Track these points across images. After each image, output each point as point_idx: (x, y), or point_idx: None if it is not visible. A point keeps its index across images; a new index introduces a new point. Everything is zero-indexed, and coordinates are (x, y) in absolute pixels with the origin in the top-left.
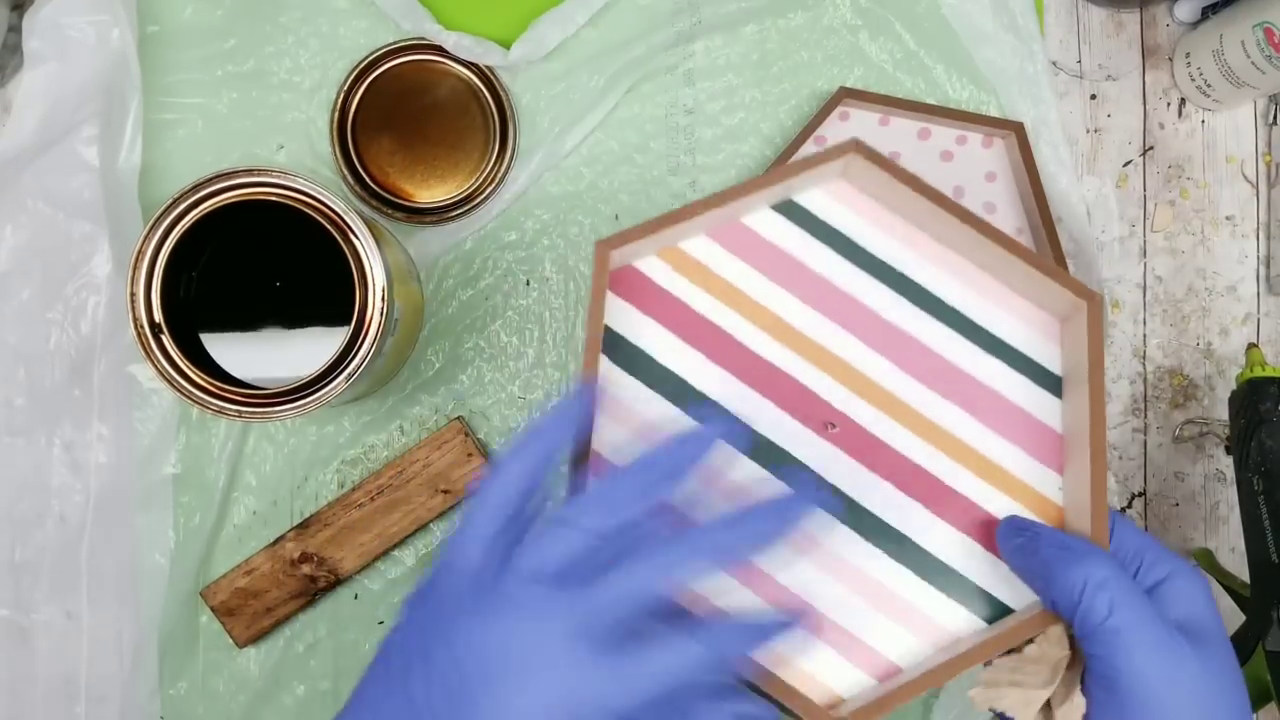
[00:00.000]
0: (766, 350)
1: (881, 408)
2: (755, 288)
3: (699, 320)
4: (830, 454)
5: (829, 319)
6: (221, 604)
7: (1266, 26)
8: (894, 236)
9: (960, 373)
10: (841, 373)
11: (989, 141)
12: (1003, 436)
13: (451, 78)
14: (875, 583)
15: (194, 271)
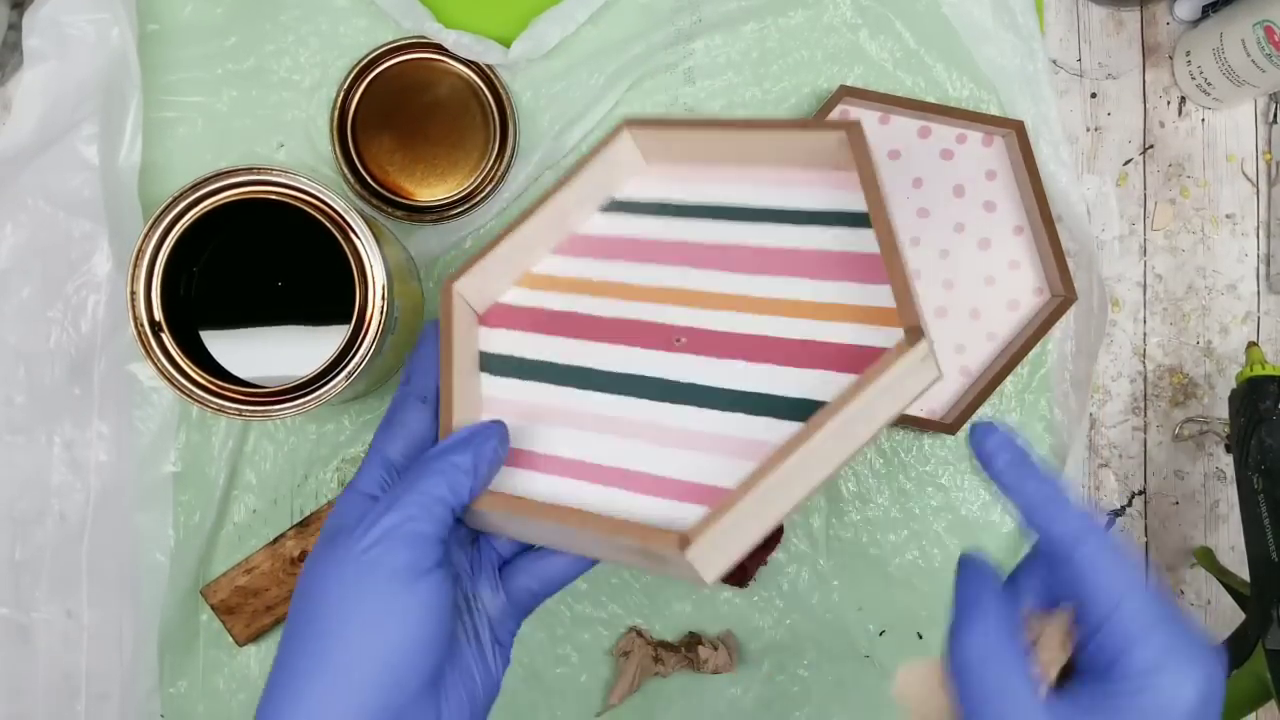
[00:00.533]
0: (612, 310)
1: (713, 307)
2: (601, 272)
3: (555, 315)
4: (679, 360)
5: (667, 264)
6: (222, 602)
7: (1267, 25)
8: (699, 181)
9: (782, 250)
10: (683, 297)
11: (989, 140)
12: (830, 279)
13: (451, 76)
14: (703, 434)
15: (194, 270)
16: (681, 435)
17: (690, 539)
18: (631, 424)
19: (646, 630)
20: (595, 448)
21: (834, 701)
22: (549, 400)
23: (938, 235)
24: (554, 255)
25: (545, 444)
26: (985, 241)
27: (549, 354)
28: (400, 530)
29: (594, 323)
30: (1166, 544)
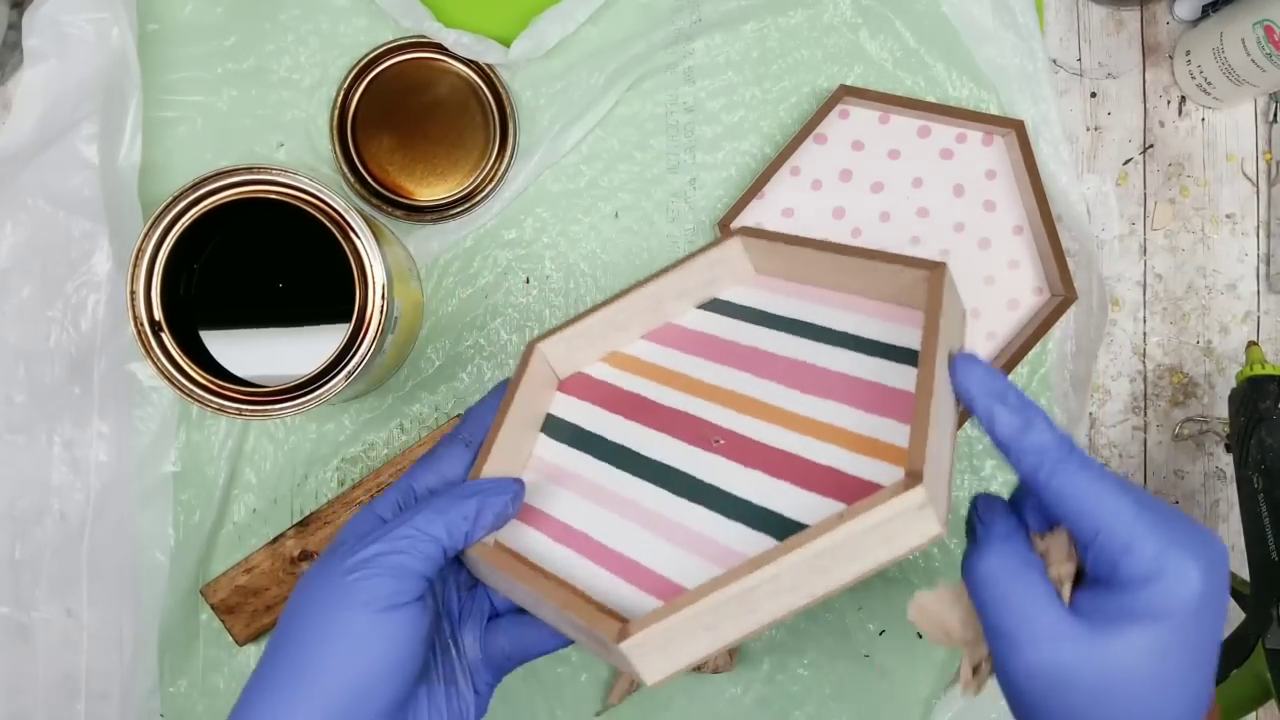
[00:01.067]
0: (672, 400)
1: (759, 417)
2: (675, 362)
3: (624, 394)
4: (713, 461)
5: (730, 367)
6: (221, 602)
7: (1267, 24)
8: (788, 295)
9: (828, 372)
10: (731, 400)
11: (989, 139)
12: (859, 409)
13: (451, 75)
14: (698, 535)
15: (194, 269)
16: (681, 532)
17: (629, 632)
18: (645, 512)
19: None
20: (601, 524)
21: (834, 701)
22: (584, 471)
23: (937, 235)
24: (644, 340)
25: (559, 508)
26: (985, 241)
27: (603, 428)
28: (385, 559)
29: (651, 407)
30: None
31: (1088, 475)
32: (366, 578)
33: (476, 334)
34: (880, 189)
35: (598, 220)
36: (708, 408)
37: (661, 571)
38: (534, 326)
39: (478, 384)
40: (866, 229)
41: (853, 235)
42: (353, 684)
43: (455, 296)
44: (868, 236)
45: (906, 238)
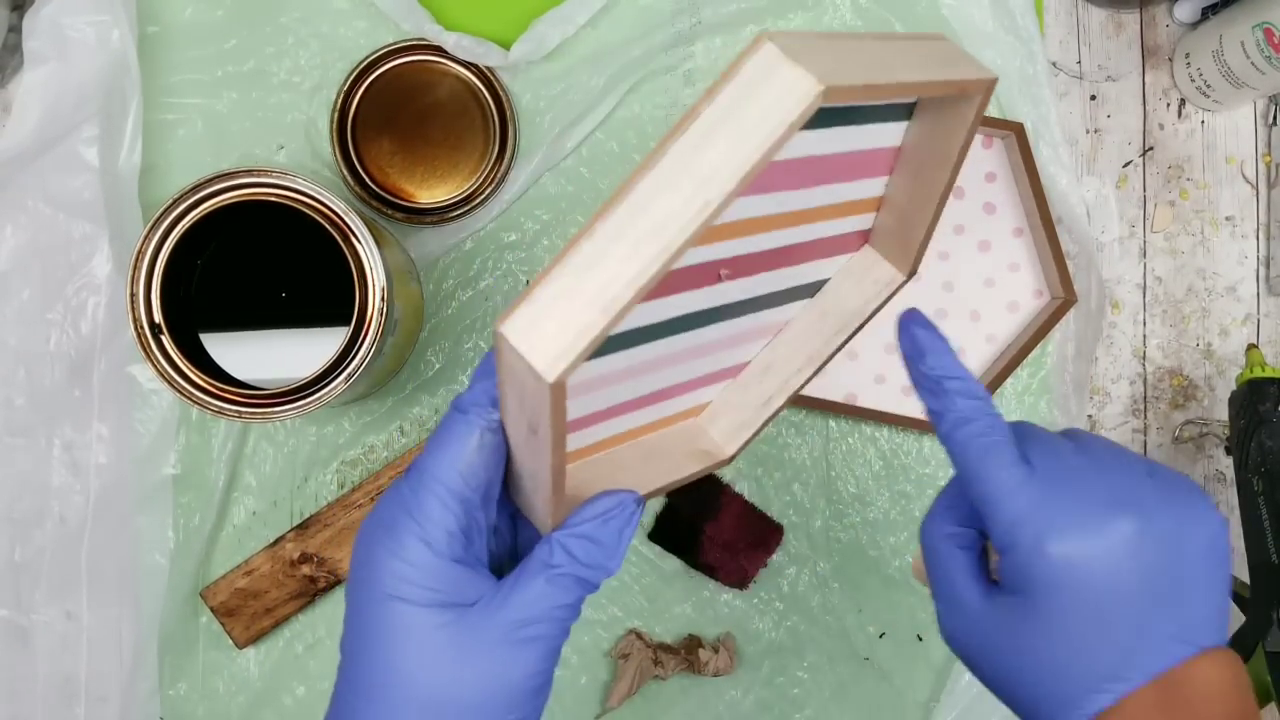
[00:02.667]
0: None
1: (756, 231)
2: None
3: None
4: (727, 288)
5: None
6: (221, 604)
7: (1266, 27)
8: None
9: (815, 158)
10: (724, 232)
11: (989, 142)
12: (826, 184)
13: (451, 78)
14: (733, 335)
15: (194, 272)
16: (730, 335)
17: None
18: (690, 348)
19: (646, 633)
20: (667, 378)
21: (834, 704)
22: (613, 367)
23: (937, 237)
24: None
25: (607, 400)
26: (985, 244)
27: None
28: (541, 637)
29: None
30: None
31: (977, 445)
32: (524, 646)
33: (476, 336)
34: None
35: None
36: (698, 251)
37: (712, 369)
38: None
39: None
40: None
41: None
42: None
43: (455, 299)
44: None
45: None
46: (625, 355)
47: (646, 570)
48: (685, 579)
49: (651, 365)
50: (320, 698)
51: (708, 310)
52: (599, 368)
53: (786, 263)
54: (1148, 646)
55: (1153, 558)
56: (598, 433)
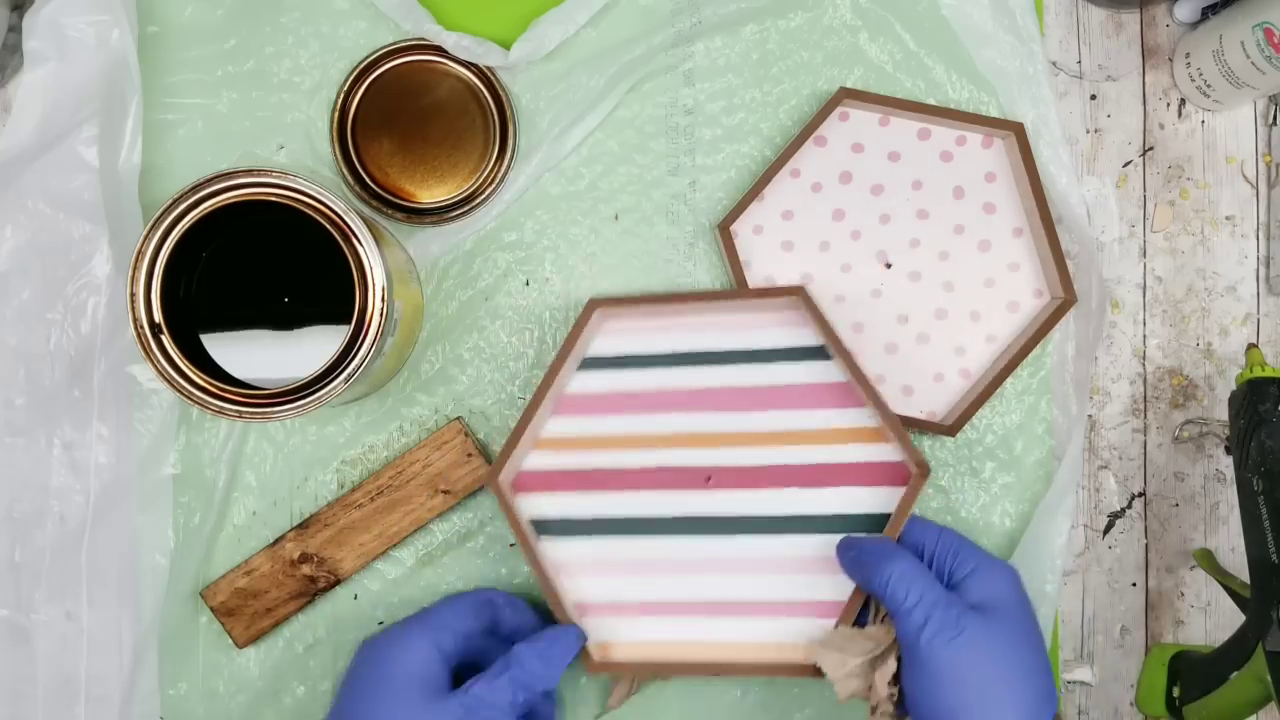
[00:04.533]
0: (636, 460)
1: (725, 445)
2: (601, 427)
3: (582, 474)
4: (713, 497)
5: (669, 411)
6: (221, 604)
7: (1266, 27)
8: (658, 331)
9: (760, 388)
10: (704, 440)
11: (989, 142)
12: (812, 408)
13: (451, 78)
14: (790, 558)
15: (194, 272)
16: (770, 563)
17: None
18: (695, 561)
19: None
20: (675, 588)
21: (834, 704)
22: (610, 553)
23: (937, 237)
24: (555, 417)
25: (630, 592)
26: (985, 243)
27: (591, 510)
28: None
29: (618, 475)
30: (1167, 546)
31: (877, 572)
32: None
33: (476, 336)
34: (880, 191)
35: (597, 223)
36: (678, 454)
37: (771, 598)
38: (533, 329)
39: (477, 386)
40: (866, 231)
41: (852, 237)
42: None
43: (455, 299)
44: (867, 239)
45: (906, 240)
46: (614, 543)
47: None
48: None
49: (663, 565)
50: (320, 697)
51: (705, 518)
52: (581, 548)
53: (800, 481)
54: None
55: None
56: (647, 627)
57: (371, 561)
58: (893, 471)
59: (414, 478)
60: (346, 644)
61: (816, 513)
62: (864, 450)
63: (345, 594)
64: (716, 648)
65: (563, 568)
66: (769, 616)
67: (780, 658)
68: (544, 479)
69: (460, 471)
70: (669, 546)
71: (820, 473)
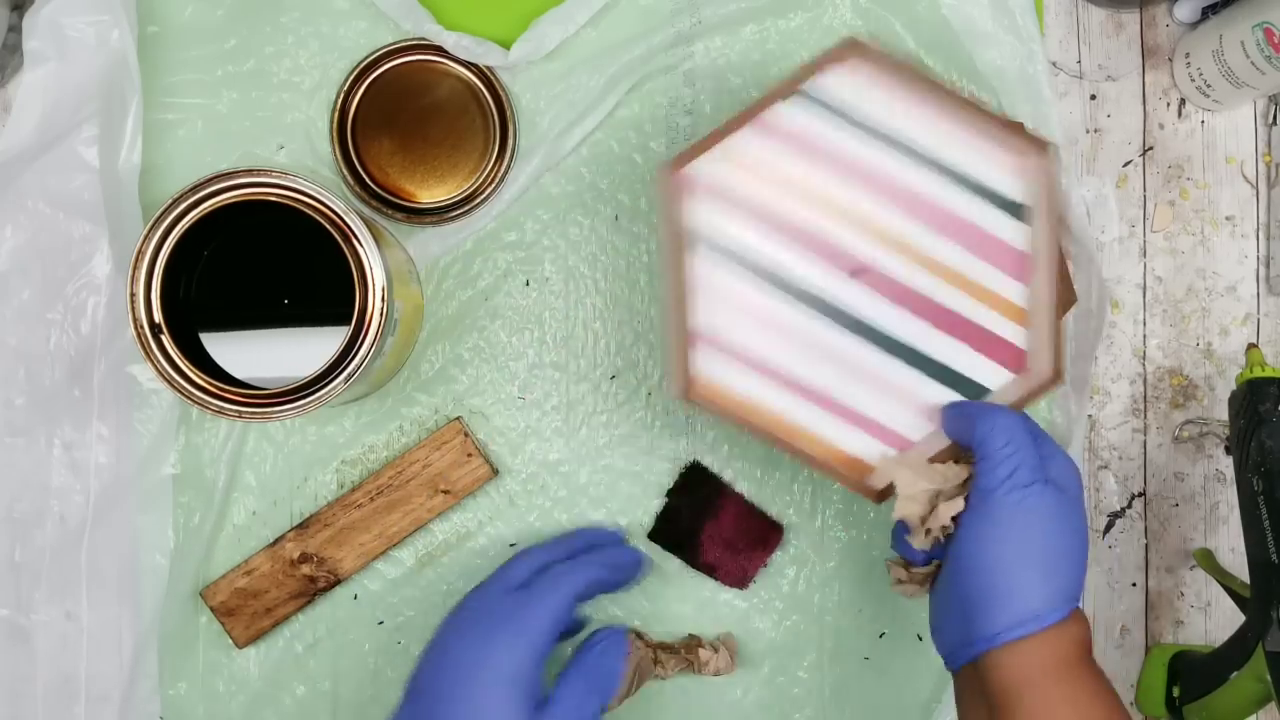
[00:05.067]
0: (803, 217)
1: (894, 250)
2: (790, 167)
3: (752, 203)
4: (856, 292)
5: (850, 184)
6: (221, 604)
7: (1266, 27)
8: (890, 108)
9: (949, 213)
10: (862, 226)
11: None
12: (982, 259)
13: (451, 78)
14: (892, 382)
15: (194, 272)
16: (868, 374)
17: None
18: (819, 344)
19: (646, 632)
20: (791, 359)
21: (834, 704)
22: (742, 291)
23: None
24: (749, 130)
25: (740, 335)
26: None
27: (739, 241)
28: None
29: (784, 225)
30: (1166, 546)
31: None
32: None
33: (476, 336)
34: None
35: (598, 223)
36: (841, 232)
37: (877, 418)
38: (534, 329)
39: (477, 386)
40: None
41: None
42: None
43: (455, 299)
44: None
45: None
46: (750, 284)
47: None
48: (685, 579)
49: (787, 331)
50: (320, 698)
51: (847, 310)
52: (721, 275)
53: (929, 318)
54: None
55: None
56: (743, 380)
57: (371, 561)
58: (1014, 355)
59: (414, 478)
60: (346, 644)
61: (932, 354)
62: (1001, 323)
63: (345, 594)
64: (797, 431)
65: (697, 284)
66: (853, 426)
67: (846, 467)
68: (710, 189)
69: (460, 471)
70: (797, 315)
71: (955, 321)
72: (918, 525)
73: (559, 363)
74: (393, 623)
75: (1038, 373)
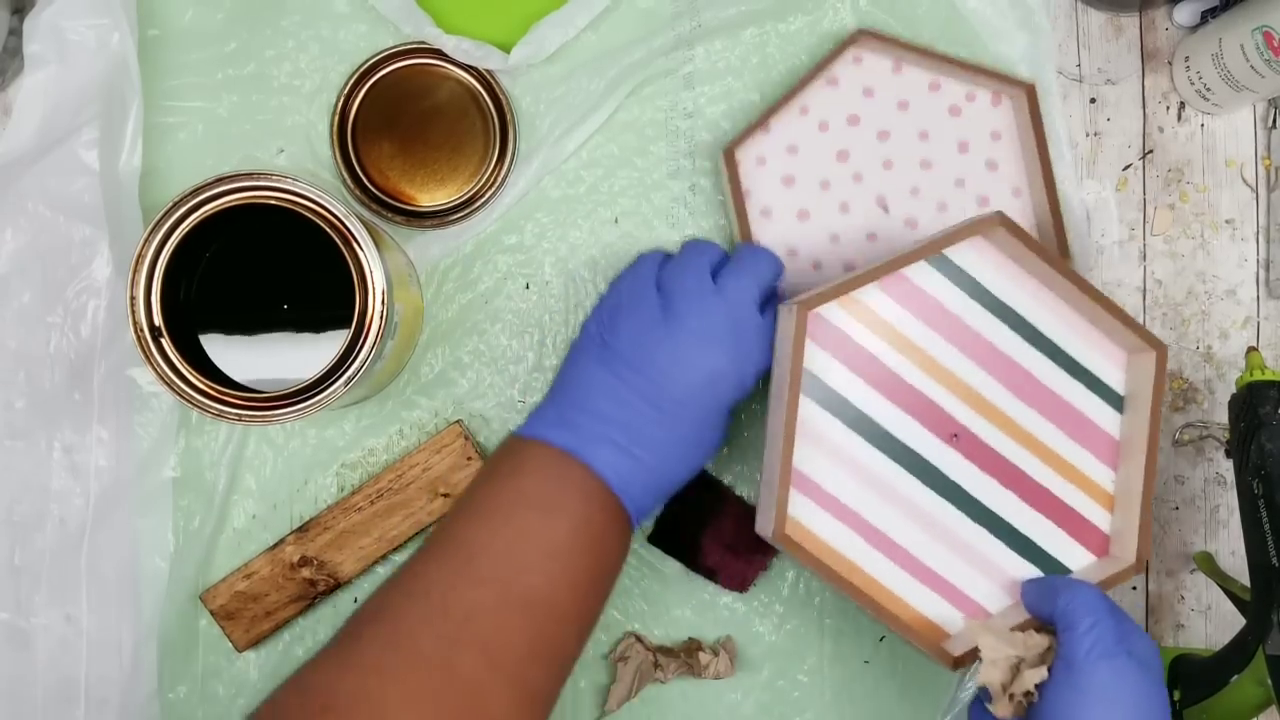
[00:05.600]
0: (912, 378)
1: (992, 421)
2: (907, 327)
3: (864, 354)
4: (953, 457)
5: (960, 351)
6: (221, 608)
7: (1265, 30)
8: (1016, 285)
9: (1051, 393)
10: (965, 394)
11: (997, 100)
12: (1076, 441)
13: (451, 81)
14: (975, 550)
15: (194, 275)
16: (954, 540)
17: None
18: (911, 505)
19: (645, 635)
20: (881, 516)
21: (834, 707)
22: (840, 440)
23: (938, 188)
24: (877, 288)
25: (830, 481)
26: (984, 199)
27: (849, 391)
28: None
29: (891, 379)
30: (1167, 549)
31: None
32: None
33: (476, 339)
34: (886, 137)
35: (598, 226)
36: (944, 396)
37: (957, 584)
38: (534, 332)
39: (477, 389)
40: (868, 174)
41: (854, 180)
42: None
43: (455, 302)
44: (868, 182)
45: (907, 187)
46: (852, 437)
47: (646, 573)
48: (685, 582)
49: (882, 487)
50: None
51: (940, 473)
52: (825, 423)
53: (1019, 491)
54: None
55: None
56: (843, 538)
57: (372, 565)
58: (1096, 538)
59: (414, 481)
60: None
61: (1019, 527)
62: (1088, 505)
63: (345, 597)
64: (878, 587)
65: (801, 427)
66: (934, 590)
67: (922, 628)
68: (830, 335)
69: (460, 475)
70: (893, 473)
71: (1043, 497)
72: (999, 692)
73: (559, 366)
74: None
75: (1121, 558)
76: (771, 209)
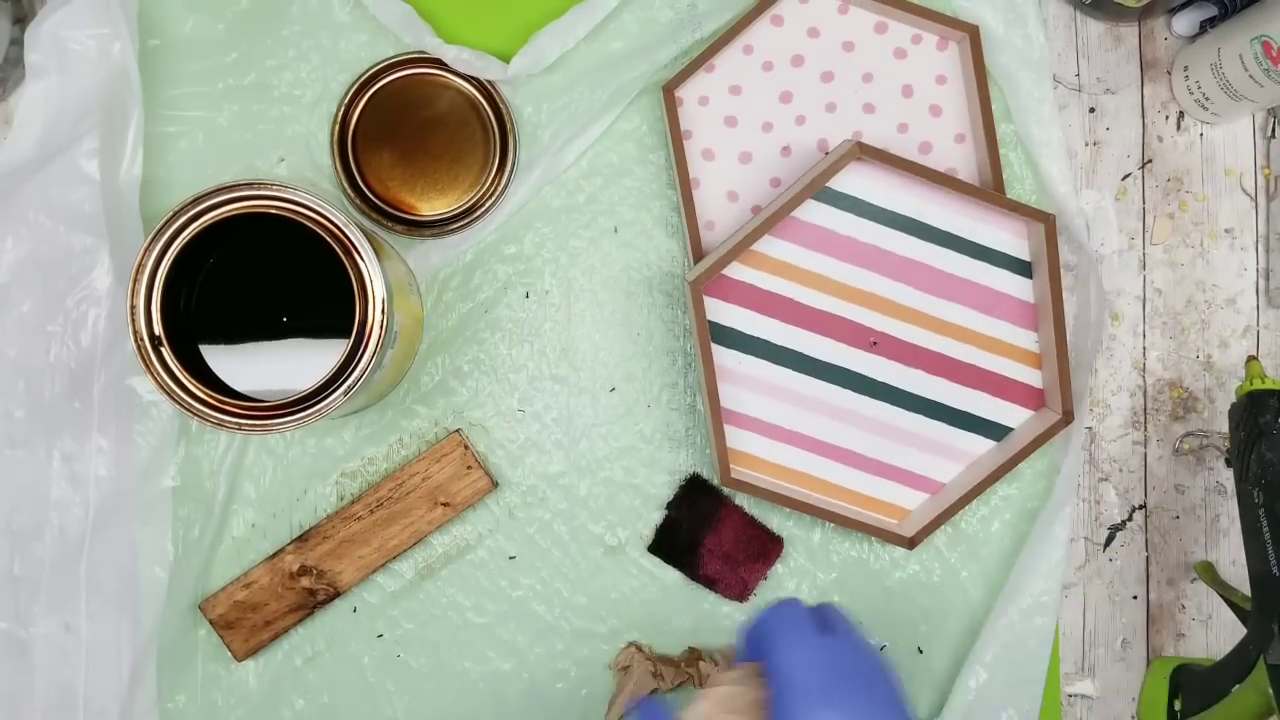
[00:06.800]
0: (819, 303)
1: (907, 320)
2: (805, 260)
3: (770, 296)
4: (875, 361)
5: (862, 268)
6: (220, 617)
7: (1264, 40)
8: (905, 192)
9: (959, 280)
10: (876, 304)
11: (944, 45)
12: (992, 316)
13: (452, 91)
14: (917, 434)
15: (194, 284)
16: (894, 430)
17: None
18: (843, 410)
19: (646, 645)
20: (818, 427)
21: None
22: (770, 377)
23: (880, 133)
24: (769, 236)
25: (774, 416)
26: (926, 145)
27: (765, 333)
28: None
29: (800, 310)
30: (1167, 558)
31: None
32: None
33: (476, 348)
34: (830, 79)
35: (597, 235)
36: (851, 309)
37: (902, 465)
38: (533, 341)
39: (477, 399)
40: (811, 117)
41: (797, 122)
42: None
43: (455, 311)
44: (811, 124)
45: (848, 130)
46: (777, 370)
47: (646, 583)
48: (685, 592)
49: (813, 404)
50: (319, 711)
51: (866, 378)
52: (750, 365)
53: (950, 374)
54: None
55: None
56: (778, 451)
57: (371, 574)
58: (1029, 394)
59: (413, 490)
60: (345, 657)
61: (951, 405)
62: (1015, 368)
63: (345, 607)
64: (827, 486)
65: (725, 374)
66: (877, 475)
67: (872, 512)
68: (737, 290)
69: (460, 484)
70: (820, 389)
71: (970, 373)
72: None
73: (559, 375)
74: (392, 636)
75: (1055, 410)
76: (714, 150)
